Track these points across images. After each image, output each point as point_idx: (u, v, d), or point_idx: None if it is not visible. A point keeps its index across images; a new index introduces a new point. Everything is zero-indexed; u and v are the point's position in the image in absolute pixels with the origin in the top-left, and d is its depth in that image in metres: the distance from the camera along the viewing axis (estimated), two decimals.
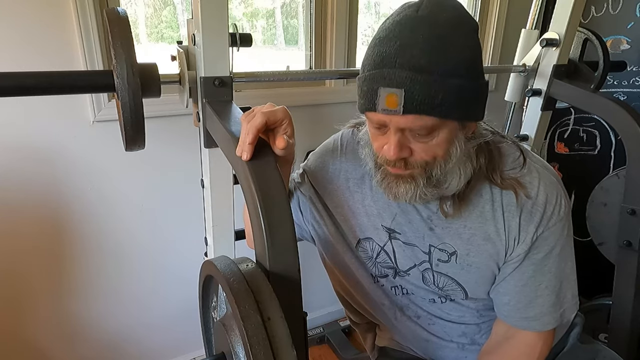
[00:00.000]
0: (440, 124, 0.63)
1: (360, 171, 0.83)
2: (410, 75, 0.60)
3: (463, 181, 0.71)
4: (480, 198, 0.75)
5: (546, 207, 0.73)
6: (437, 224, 0.77)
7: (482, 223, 0.75)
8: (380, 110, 0.62)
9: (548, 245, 0.74)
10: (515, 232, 0.73)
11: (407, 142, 0.65)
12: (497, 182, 0.73)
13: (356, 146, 0.84)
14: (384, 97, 0.61)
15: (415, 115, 0.61)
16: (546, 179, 0.74)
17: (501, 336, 0.81)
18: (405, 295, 0.86)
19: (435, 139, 0.65)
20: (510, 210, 0.74)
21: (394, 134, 0.64)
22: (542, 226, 0.73)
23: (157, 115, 1.30)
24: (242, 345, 0.50)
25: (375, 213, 0.82)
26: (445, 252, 0.78)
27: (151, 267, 1.52)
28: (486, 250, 0.76)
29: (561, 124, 2.04)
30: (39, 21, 1.15)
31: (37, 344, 1.42)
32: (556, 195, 0.74)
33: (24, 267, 1.34)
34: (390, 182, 0.70)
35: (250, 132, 0.61)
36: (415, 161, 0.67)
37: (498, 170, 0.74)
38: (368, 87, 0.63)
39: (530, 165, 0.75)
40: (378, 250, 0.83)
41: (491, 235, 0.75)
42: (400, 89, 0.60)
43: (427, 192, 0.69)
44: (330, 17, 1.58)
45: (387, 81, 0.61)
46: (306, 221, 0.90)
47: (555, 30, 1.25)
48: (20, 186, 1.26)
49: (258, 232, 0.57)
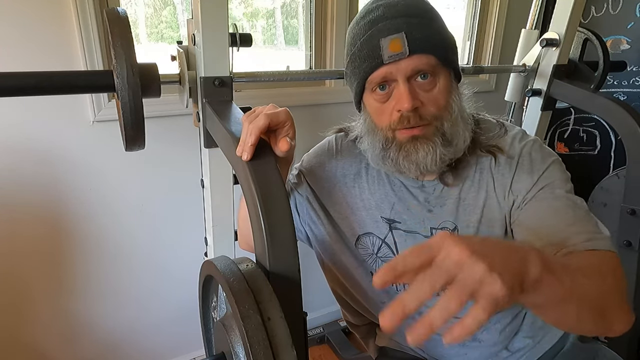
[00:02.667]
0: (439, 69, 0.69)
1: (356, 167, 0.85)
2: (405, 20, 0.67)
3: (468, 140, 0.75)
4: (470, 169, 0.78)
5: (532, 155, 0.75)
6: (435, 203, 0.79)
7: (475, 192, 0.77)
8: (386, 59, 0.66)
9: (554, 178, 0.73)
10: (508, 186, 0.75)
11: (416, 93, 0.69)
12: (477, 151, 0.77)
13: (352, 145, 0.86)
14: (387, 45, 0.66)
15: (420, 54, 0.66)
16: (526, 137, 0.79)
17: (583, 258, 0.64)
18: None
19: (437, 87, 0.70)
20: (499, 171, 0.76)
21: (403, 84, 0.67)
22: (537, 171, 0.74)
23: (157, 115, 1.30)
24: (242, 345, 0.50)
25: (374, 205, 0.82)
26: (446, 231, 0.78)
27: (151, 267, 1.52)
28: (485, 218, 0.77)
29: (561, 124, 2.04)
30: (39, 21, 1.15)
31: (36, 344, 1.42)
32: (540, 146, 0.77)
33: (24, 268, 1.34)
34: (408, 150, 0.71)
35: (253, 134, 0.61)
36: (426, 113, 0.70)
37: (478, 142, 0.78)
38: (368, 48, 0.68)
39: (510, 132, 0.80)
40: (379, 244, 0.83)
41: (486, 202, 0.77)
42: (401, 32, 0.66)
43: (444, 152, 0.71)
44: (330, 17, 1.58)
45: (386, 31, 0.66)
46: (303, 222, 0.90)
47: (555, 30, 1.26)
48: (20, 186, 1.26)
49: (258, 232, 0.57)
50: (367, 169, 0.84)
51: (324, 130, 0.96)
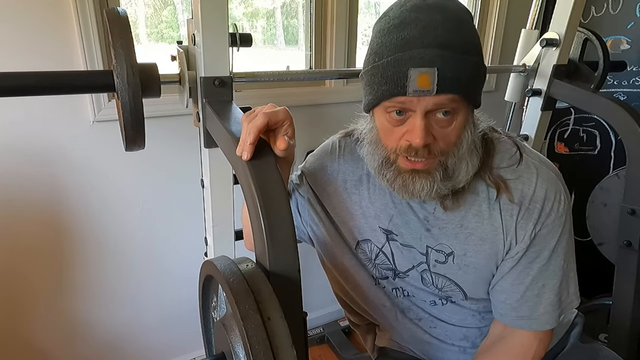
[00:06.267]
0: (461, 105, 0.64)
1: (358, 173, 0.83)
2: (439, 53, 0.60)
3: (471, 172, 0.70)
4: (477, 197, 0.74)
5: (544, 204, 0.72)
6: (434, 224, 0.77)
7: (479, 222, 0.74)
8: (411, 92, 0.61)
9: (547, 243, 0.73)
10: (513, 231, 0.73)
11: (431, 128, 0.65)
12: (485, 179, 0.73)
13: (354, 148, 0.83)
14: (415, 77, 0.60)
15: (446, 94, 0.61)
16: (544, 175, 0.73)
17: (496, 336, 0.80)
18: (406, 297, 0.85)
19: (454, 124, 0.65)
20: (507, 208, 0.73)
21: (420, 119, 0.63)
22: (540, 223, 0.72)
23: (157, 115, 1.30)
24: (242, 345, 0.50)
25: (373, 215, 0.81)
26: (442, 253, 0.77)
27: (151, 267, 1.52)
28: (483, 250, 0.75)
29: (561, 124, 2.04)
30: (39, 21, 1.15)
31: (36, 343, 1.42)
32: (555, 191, 0.72)
33: (24, 267, 1.34)
34: (405, 180, 0.69)
35: (252, 133, 0.60)
36: (435, 149, 0.66)
37: (488, 167, 0.74)
38: (394, 72, 0.62)
39: (527, 161, 0.74)
40: (377, 251, 0.83)
41: (488, 235, 0.74)
42: (433, 67, 0.60)
43: (442, 186, 0.69)
44: (330, 17, 1.58)
45: (418, 61, 0.60)
46: (304, 223, 0.89)
47: (555, 30, 1.25)
48: (20, 186, 1.26)
49: (258, 232, 0.57)
50: (369, 177, 0.82)
51: (324, 130, 0.95)
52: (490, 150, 0.75)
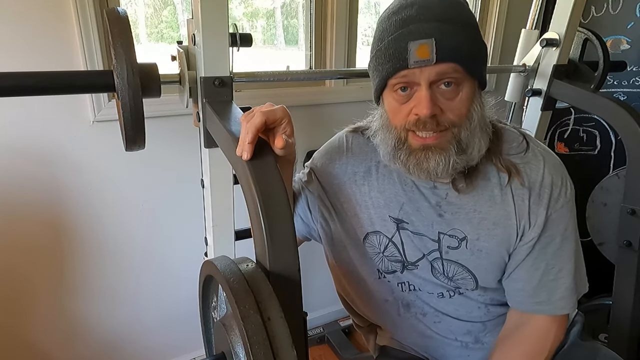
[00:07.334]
0: (464, 78, 0.67)
1: (366, 164, 0.84)
2: (437, 25, 0.64)
3: (483, 149, 0.73)
4: (488, 182, 0.76)
5: (553, 189, 0.74)
6: (447, 209, 0.78)
7: (491, 207, 0.76)
8: (412, 63, 0.64)
9: (558, 228, 0.75)
10: (526, 215, 0.75)
11: (436, 100, 0.67)
12: (497, 164, 0.75)
13: (362, 141, 0.85)
14: (414, 49, 0.64)
15: (447, 62, 0.64)
16: (550, 162, 0.76)
17: (514, 324, 0.81)
18: (412, 291, 0.86)
19: (459, 95, 0.68)
20: (519, 193, 0.75)
21: (425, 89, 0.66)
22: (551, 208, 0.74)
23: (157, 115, 1.30)
24: (242, 345, 0.50)
25: (382, 204, 0.82)
26: (455, 238, 0.78)
27: (151, 267, 1.52)
28: (496, 234, 0.76)
29: (561, 124, 2.04)
30: (39, 21, 1.15)
31: (36, 343, 1.42)
32: (561, 177, 0.76)
33: (24, 267, 1.34)
34: (419, 158, 0.70)
35: (250, 132, 0.61)
36: (445, 120, 0.68)
37: (498, 152, 0.76)
38: (395, 48, 0.66)
39: (533, 149, 0.77)
40: (386, 243, 0.83)
41: (501, 220, 0.76)
42: (430, 38, 0.63)
43: (458, 160, 0.70)
44: (330, 17, 1.58)
45: (416, 34, 0.64)
46: (315, 220, 0.90)
47: (555, 30, 1.26)
48: (20, 186, 1.26)
49: (258, 232, 0.57)
50: (378, 167, 0.83)
51: (324, 130, 0.95)
52: (499, 137, 0.78)
